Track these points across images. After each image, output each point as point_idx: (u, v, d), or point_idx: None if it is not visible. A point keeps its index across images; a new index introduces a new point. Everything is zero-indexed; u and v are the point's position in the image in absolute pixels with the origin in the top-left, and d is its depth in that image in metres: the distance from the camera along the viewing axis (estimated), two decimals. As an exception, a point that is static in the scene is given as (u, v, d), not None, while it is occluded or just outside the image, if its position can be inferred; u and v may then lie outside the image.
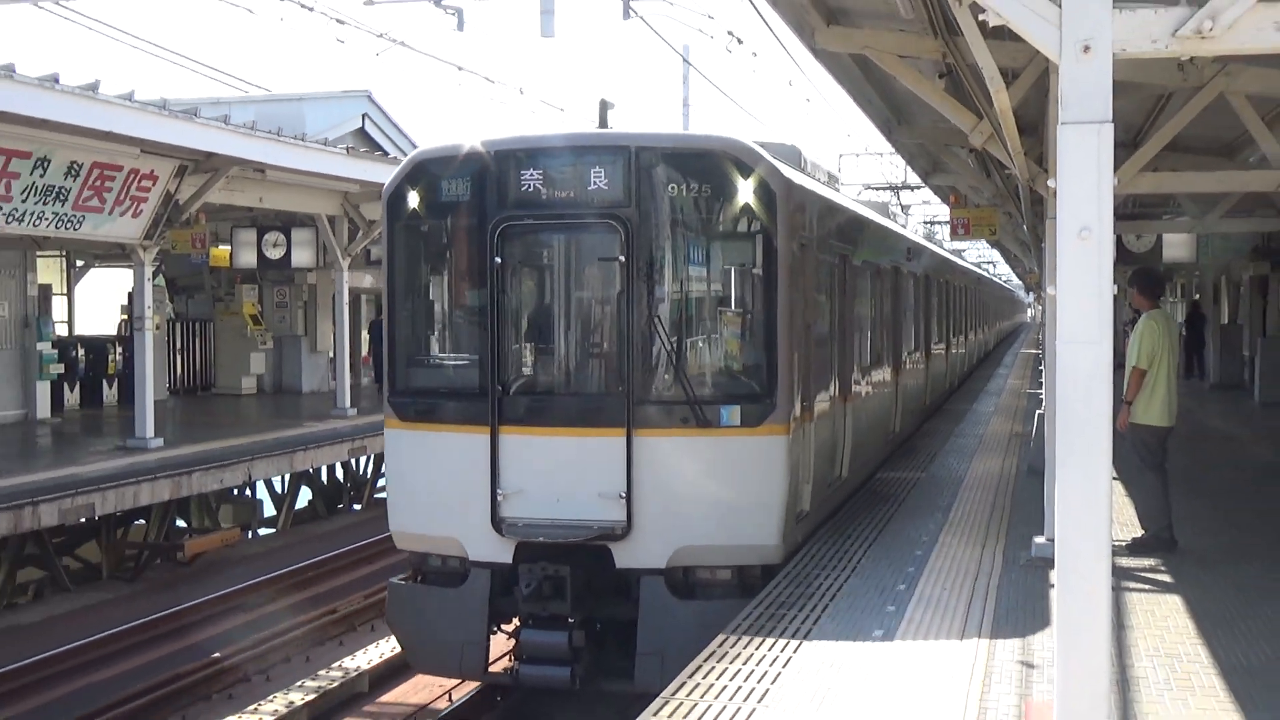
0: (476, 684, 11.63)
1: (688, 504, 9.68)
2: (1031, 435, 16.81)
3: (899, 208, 47.34)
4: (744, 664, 7.67)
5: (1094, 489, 4.96)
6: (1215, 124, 12.38)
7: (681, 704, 6.87)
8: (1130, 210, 18.13)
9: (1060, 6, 4.89)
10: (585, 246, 10.28)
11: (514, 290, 10.23)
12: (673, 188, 9.77)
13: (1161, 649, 8.10)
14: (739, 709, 6.85)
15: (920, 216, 50.79)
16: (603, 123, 11.34)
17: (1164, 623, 8.74)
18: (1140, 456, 10.99)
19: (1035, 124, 11.66)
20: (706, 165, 9.90)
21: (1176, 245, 22.46)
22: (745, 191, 9.73)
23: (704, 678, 7.39)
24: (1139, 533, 11.11)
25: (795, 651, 7.97)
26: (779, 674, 7.54)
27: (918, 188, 41.29)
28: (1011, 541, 11.53)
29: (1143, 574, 10.25)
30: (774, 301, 9.89)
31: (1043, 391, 15.00)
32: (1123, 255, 18.51)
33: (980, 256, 53.04)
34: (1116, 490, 8.20)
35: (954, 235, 23.39)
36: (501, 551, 9.76)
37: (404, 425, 10.57)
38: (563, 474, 9.81)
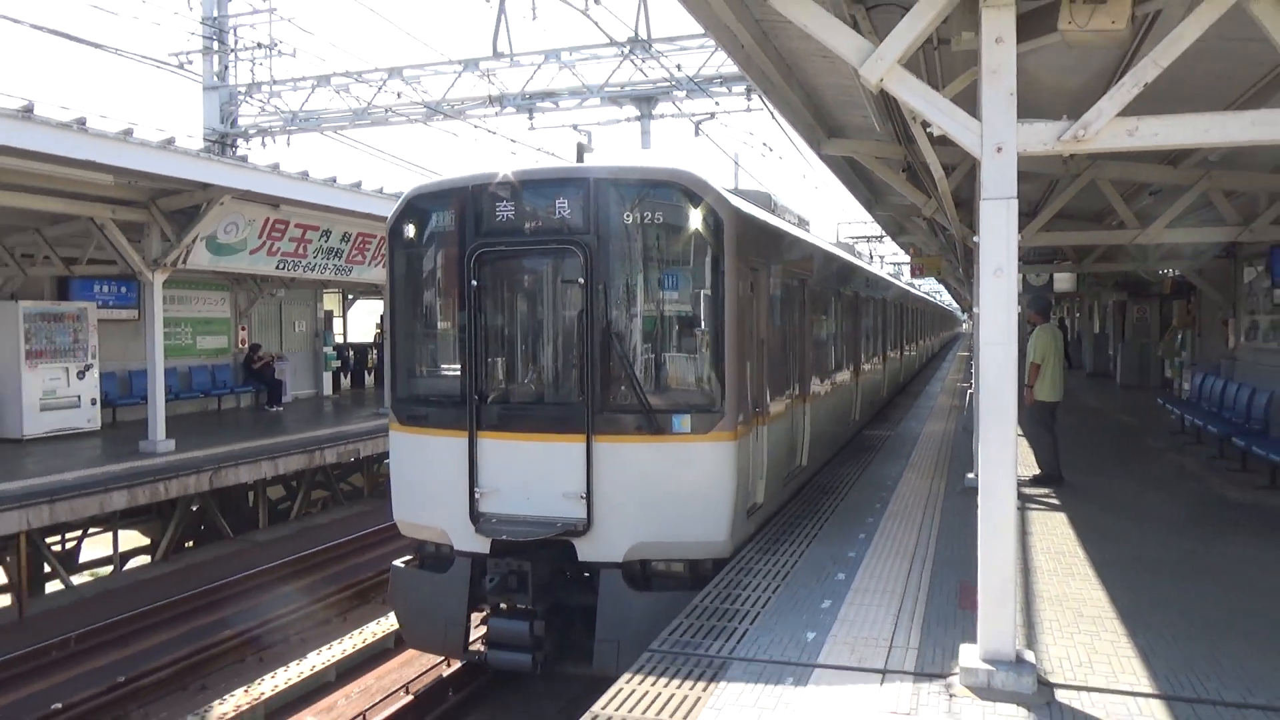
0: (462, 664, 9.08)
1: (643, 504, 7.56)
2: (964, 407, 16.61)
3: (878, 257, 46.90)
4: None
5: (1004, 439, 4.95)
6: (1088, 199, 12.26)
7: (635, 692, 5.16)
8: (1030, 257, 17.90)
9: (981, 121, 4.84)
10: (550, 270, 8.08)
11: (490, 310, 8.07)
12: (628, 215, 7.63)
13: (1051, 548, 7.96)
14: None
15: (892, 260, 50.29)
16: (579, 160, 9.15)
17: (1054, 531, 8.59)
18: (1038, 421, 10.81)
19: (967, 200, 11.50)
20: (659, 195, 7.72)
21: (1063, 280, 22.59)
22: (695, 219, 7.64)
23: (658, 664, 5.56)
24: (1037, 472, 10.91)
25: (774, 592, 7.16)
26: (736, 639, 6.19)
27: (883, 239, 40.91)
28: (952, 477, 11.36)
29: (1040, 499, 10.05)
30: (721, 319, 7.65)
31: (972, 376, 14.71)
32: (1026, 287, 18.20)
33: (932, 287, 52.30)
34: (1021, 444, 8.07)
35: (913, 274, 23.95)
36: (480, 543, 7.78)
37: (402, 428, 8.47)
38: (532, 475, 7.78)
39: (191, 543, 16.34)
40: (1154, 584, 6.95)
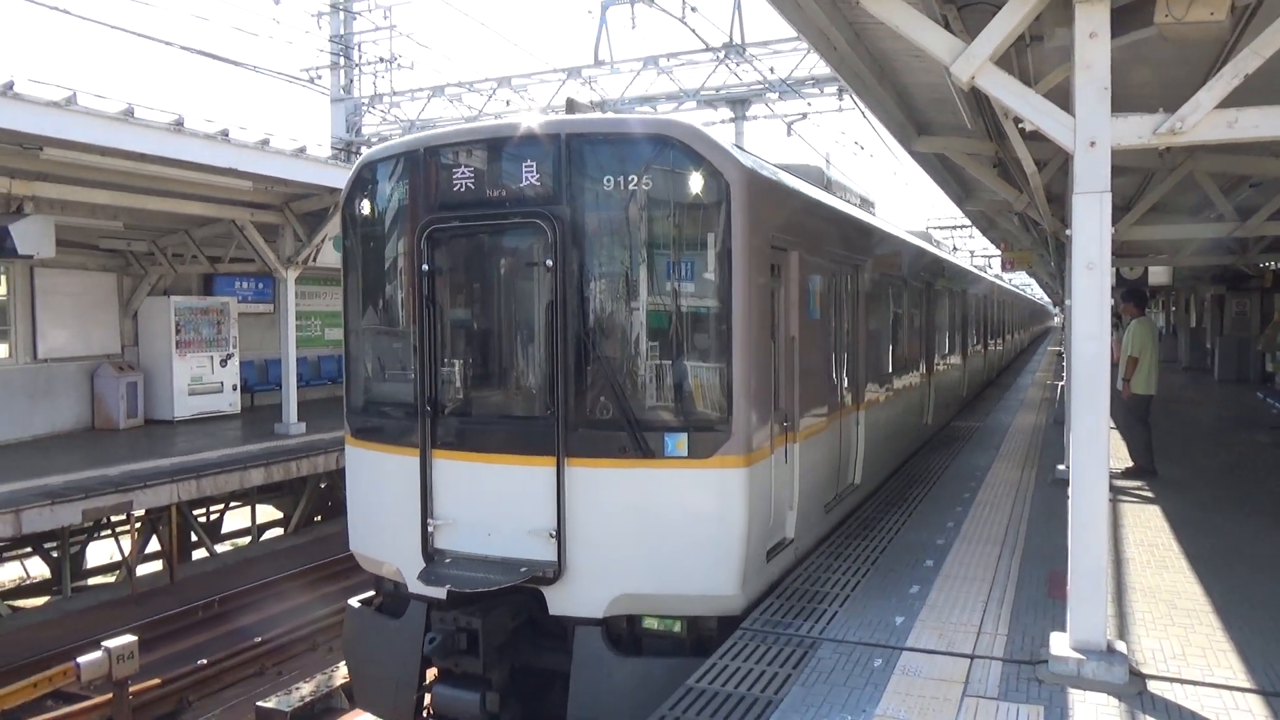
0: None
1: (628, 546, 5.73)
2: (1055, 399, 16.05)
3: (969, 252, 45.54)
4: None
5: (1096, 430, 4.78)
6: (1185, 192, 11.66)
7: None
8: (1124, 251, 17.13)
9: (1075, 116, 4.67)
10: (513, 250, 6.22)
11: (446, 300, 6.28)
12: (609, 180, 5.72)
13: (1144, 541, 7.62)
14: None
15: (982, 254, 48.79)
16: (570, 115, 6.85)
17: (1146, 524, 8.21)
18: (1133, 414, 10.36)
19: (1059, 194, 11.08)
20: (648, 154, 5.74)
21: (1158, 273, 21.54)
22: (693, 183, 5.70)
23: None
24: (1129, 464, 10.46)
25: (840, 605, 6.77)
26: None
27: (973, 233, 39.61)
28: (1042, 468, 10.97)
29: (1133, 492, 9.62)
30: (729, 311, 5.71)
31: (1064, 369, 14.18)
32: (1119, 281, 17.46)
33: (1022, 281, 50.53)
34: (1113, 436, 7.74)
35: (1004, 268, 23.29)
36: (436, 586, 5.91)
37: (355, 442, 6.76)
38: (494, 505, 6.00)
39: (320, 517, 17.02)
40: (1251, 579, 6.58)
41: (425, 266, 6.11)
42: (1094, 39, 4.62)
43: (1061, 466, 9.92)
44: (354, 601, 6.88)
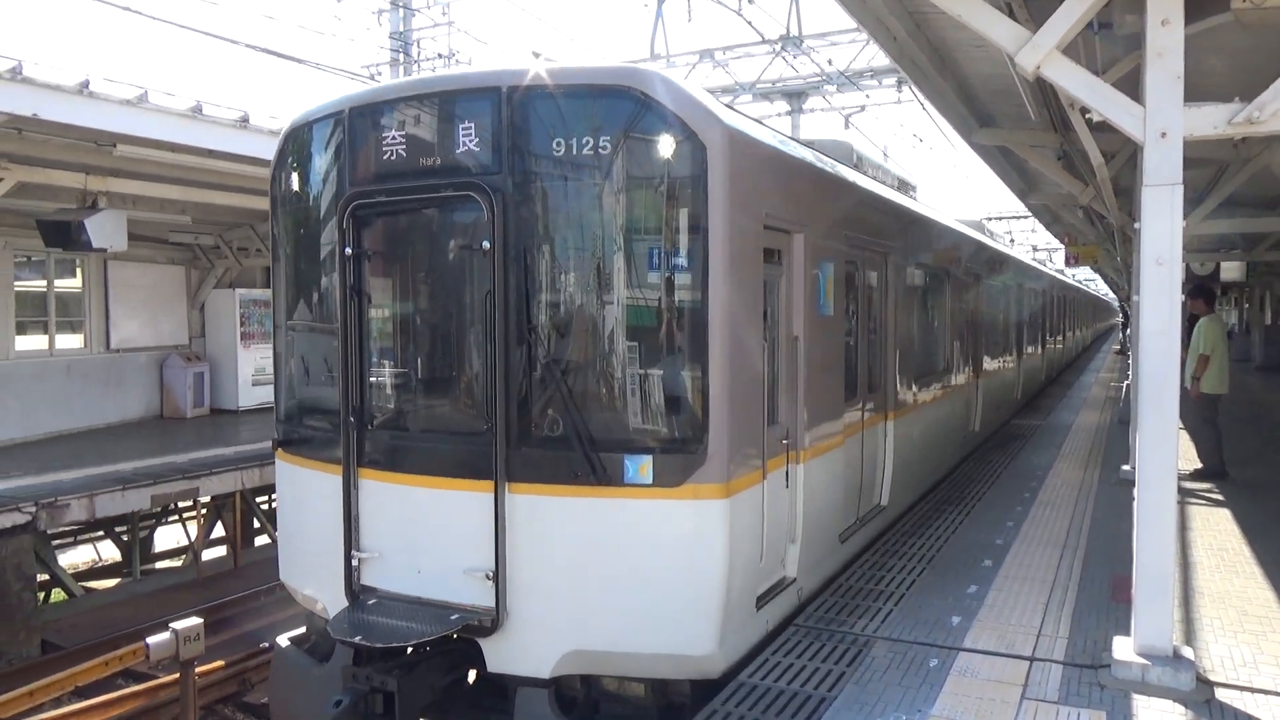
0: None
1: (581, 592, 4.70)
2: (1120, 398, 15.63)
3: (1031, 247, 44.45)
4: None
5: (1165, 430, 4.64)
6: (1261, 184, 11.26)
7: None
8: (1195, 245, 16.61)
9: (1145, 106, 4.53)
10: (451, 231, 5.13)
11: (375, 291, 5.29)
12: (559, 144, 4.65)
13: (1213, 545, 7.39)
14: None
15: (1045, 247, 47.61)
16: None
17: (1215, 527, 7.96)
18: (1201, 414, 10.05)
19: (1127, 187, 10.79)
20: (606, 110, 4.65)
21: (1231, 269, 20.71)
22: (662, 146, 4.62)
23: None
24: (1198, 466, 10.15)
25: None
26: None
27: (1032, 226, 38.67)
28: (1106, 468, 10.71)
29: (1201, 494, 9.34)
30: (704, 305, 4.61)
31: (1130, 367, 13.81)
32: (1190, 277, 16.90)
33: (1086, 275, 49.22)
34: (1181, 436, 7.49)
35: (1068, 263, 22.79)
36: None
37: (282, 455, 5.83)
38: (425, 537, 5.00)
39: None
40: (1328, 585, 6.34)
41: (349, 250, 5.12)
42: (1166, 26, 4.48)
43: (1126, 467, 9.68)
44: (284, 639, 5.77)
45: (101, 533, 14.56)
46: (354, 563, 5.19)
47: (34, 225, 11.78)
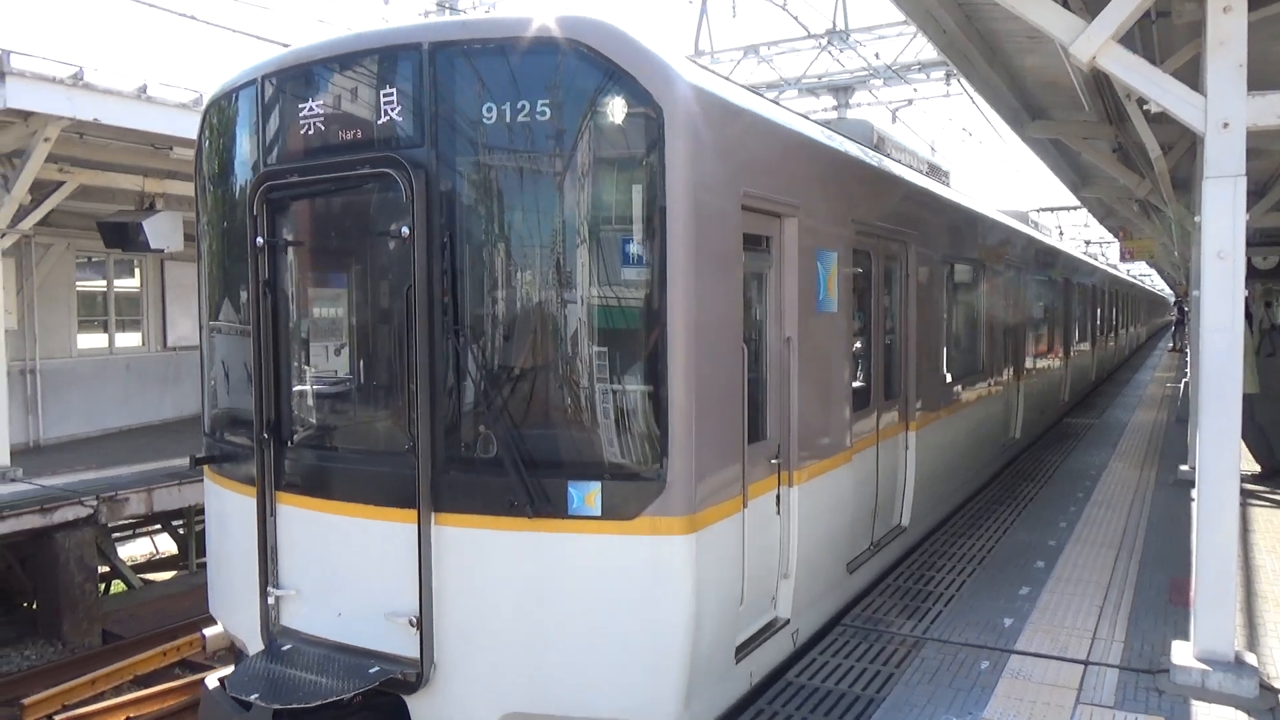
0: None
1: (521, 643, 4.00)
2: (1178, 396, 15.25)
3: (1084, 241, 43.45)
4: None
5: (1226, 429, 4.51)
6: (1329, 176, 10.86)
7: None
8: (1258, 239, 16.12)
9: (1205, 96, 4.41)
10: (365, 215, 4.45)
11: (291, 287, 4.58)
12: (489, 109, 3.92)
13: (1276, 548, 7.17)
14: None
15: (1098, 241, 46.52)
16: None
17: (1279, 530, 7.73)
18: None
19: (1185, 180, 10.51)
20: (543, 67, 3.93)
21: (1296, 263, 20.08)
22: (609, 109, 3.87)
23: None
24: (1258, 469, 9.87)
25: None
26: None
27: (1085, 220, 37.80)
28: (1163, 468, 10.44)
29: (1264, 495, 9.10)
30: (664, 300, 3.86)
31: (1188, 365, 13.47)
32: (1251, 271, 16.42)
33: (1141, 271, 48.07)
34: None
35: (1123, 259, 22.23)
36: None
37: (209, 474, 5.18)
38: (347, 574, 4.32)
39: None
40: (1400, 591, 6.12)
41: (260, 240, 4.45)
42: (1228, 13, 4.35)
43: (1185, 466, 9.45)
44: (212, 679, 4.84)
45: (159, 526, 14.92)
46: (270, 600, 4.52)
47: (94, 227, 12.11)
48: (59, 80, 9.02)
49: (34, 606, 10.19)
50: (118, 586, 12.82)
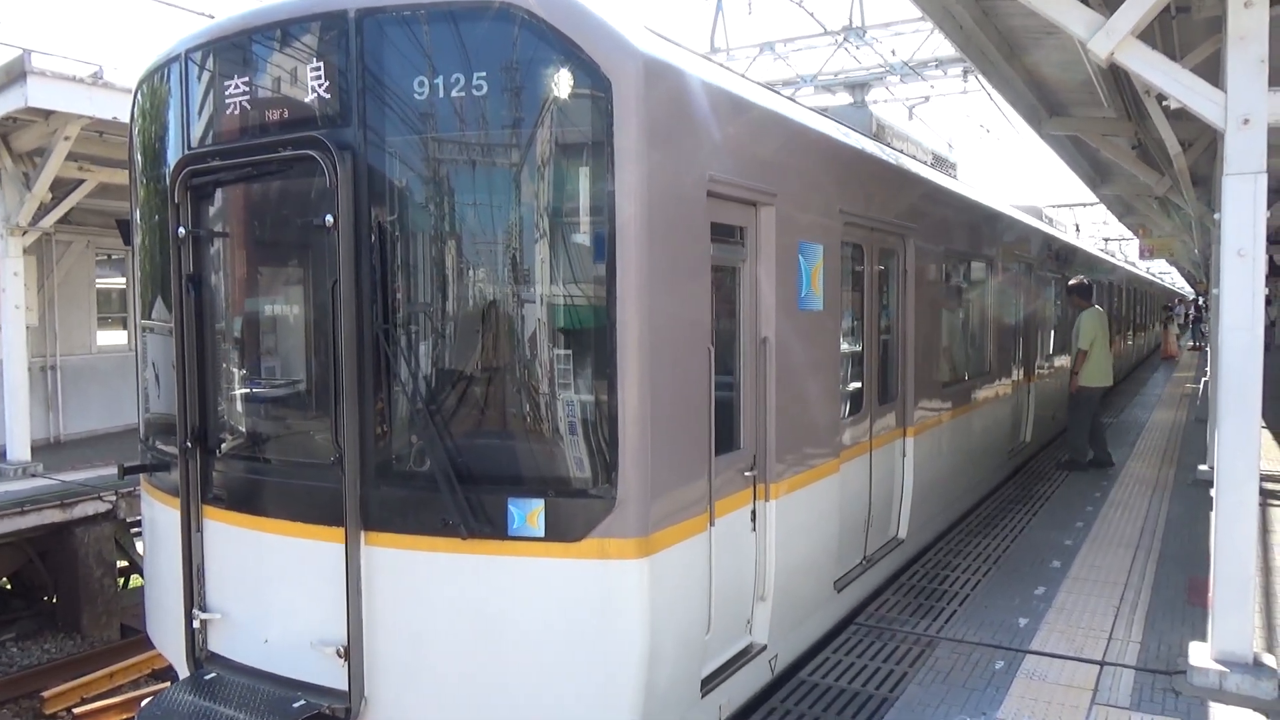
0: None
1: (462, 676, 3.65)
2: (1199, 394, 15.10)
3: (1103, 239, 43.06)
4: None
5: (1246, 427, 4.48)
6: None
7: None
8: (1278, 237, 15.97)
9: (1226, 92, 4.36)
10: (290, 202, 4.03)
11: (216, 284, 4.21)
12: (420, 83, 3.54)
13: (1298, 548, 7.09)
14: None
15: (1117, 239, 46.09)
16: None
17: (1300, 529, 7.64)
18: (1085, 407, 10.18)
19: (1205, 177, 10.42)
20: (476, 36, 3.51)
21: (1318, 261, 19.87)
22: (552, 82, 3.47)
23: None
24: (1277, 468, 9.78)
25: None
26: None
27: (1104, 218, 37.45)
28: (1181, 468, 10.35)
29: (1284, 494, 8.97)
30: (612, 297, 3.43)
31: (1208, 364, 13.33)
32: (1273, 270, 16.23)
33: (1161, 268, 47.66)
34: (1264, 435, 7.20)
35: (1142, 256, 22.18)
36: None
37: (144, 484, 4.81)
38: (275, 597, 4.00)
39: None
40: None
41: (182, 230, 4.09)
42: (1249, 8, 4.30)
43: (1204, 466, 9.36)
44: (149, 701, 4.37)
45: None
46: (195, 624, 4.17)
47: (114, 225, 12.21)
48: (79, 79, 9.10)
49: (54, 600, 10.29)
50: (136, 581, 12.95)
